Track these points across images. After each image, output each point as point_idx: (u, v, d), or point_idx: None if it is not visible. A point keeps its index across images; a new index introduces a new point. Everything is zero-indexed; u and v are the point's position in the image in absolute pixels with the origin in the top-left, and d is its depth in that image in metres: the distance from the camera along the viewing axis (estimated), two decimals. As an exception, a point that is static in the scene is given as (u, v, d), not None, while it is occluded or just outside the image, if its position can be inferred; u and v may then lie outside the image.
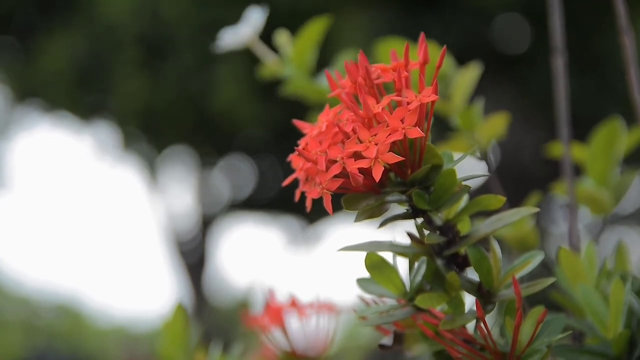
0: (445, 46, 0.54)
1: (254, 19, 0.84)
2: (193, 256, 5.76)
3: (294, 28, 0.87)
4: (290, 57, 0.85)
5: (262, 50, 0.85)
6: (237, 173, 5.38)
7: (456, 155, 0.54)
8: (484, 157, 0.80)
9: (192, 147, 4.95)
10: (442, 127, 0.85)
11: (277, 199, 5.07)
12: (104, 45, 4.09)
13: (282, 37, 0.86)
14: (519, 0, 3.60)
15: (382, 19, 3.55)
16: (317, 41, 0.85)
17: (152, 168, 5.43)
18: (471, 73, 0.82)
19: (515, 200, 0.82)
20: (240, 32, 0.84)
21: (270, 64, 0.86)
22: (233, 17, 0.87)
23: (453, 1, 3.69)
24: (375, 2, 3.67)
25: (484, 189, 0.83)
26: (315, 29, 0.84)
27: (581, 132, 0.87)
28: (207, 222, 5.73)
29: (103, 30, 4.06)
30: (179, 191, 5.79)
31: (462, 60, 0.84)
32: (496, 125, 0.82)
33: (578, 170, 0.84)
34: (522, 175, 4.09)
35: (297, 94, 0.86)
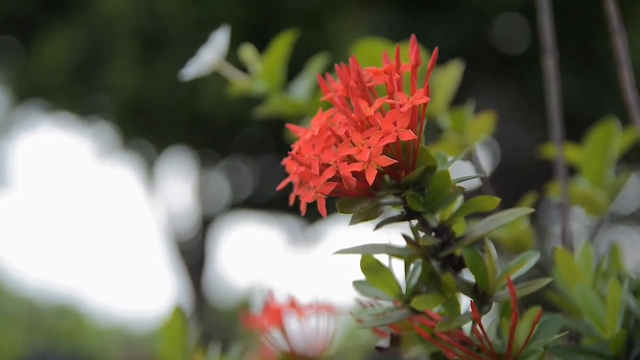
0: (437, 48, 0.54)
1: (218, 42, 0.84)
2: (193, 256, 5.76)
3: (294, 27, 0.86)
4: (259, 75, 0.84)
5: (230, 71, 0.85)
6: (237, 173, 5.39)
7: (450, 157, 0.54)
8: (471, 158, 0.80)
9: (192, 147, 4.95)
10: (427, 127, 0.84)
11: (277, 198, 5.07)
12: (102, 40, 4.10)
13: (247, 53, 0.85)
14: (519, 0, 3.60)
15: (382, 19, 3.55)
16: (286, 56, 0.85)
17: (152, 168, 5.43)
18: (452, 72, 0.81)
19: (514, 200, 0.82)
20: (205, 58, 0.84)
21: (239, 83, 0.85)
22: (227, 13, 0.87)
23: (453, 1, 3.69)
24: (376, 2, 3.67)
25: (478, 190, 0.83)
26: (282, 45, 0.84)
27: (582, 132, 0.87)
28: (207, 222, 5.73)
29: (101, 26, 4.06)
30: (179, 191, 5.79)
31: (462, 59, 0.84)
32: (484, 124, 0.81)
33: (573, 171, 0.84)
34: (522, 174, 4.09)
35: (272, 111, 0.85)
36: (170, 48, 3.90)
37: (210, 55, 0.83)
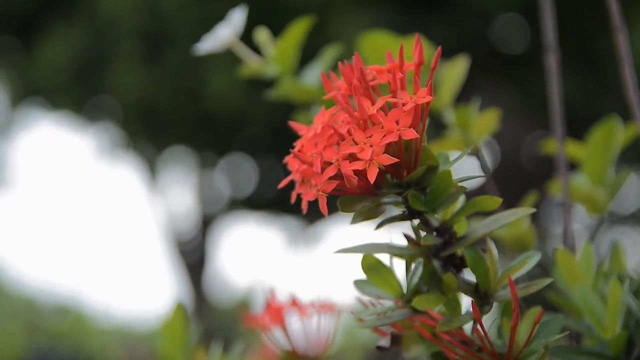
0: (440, 47, 0.54)
1: (235, 20, 0.83)
2: (193, 256, 5.77)
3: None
4: (273, 58, 0.84)
5: (243, 51, 0.85)
6: (237, 173, 5.39)
7: (452, 156, 0.54)
8: (476, 154, 0.80)
9: (192, 146, 4.95)
10: (432, 123, 0.84)
11: (277, 198, 5.07)
12: (104, 40, 4.10)
13: (262, 35, 0.85)
14: (518, 0, 3.60)
15: (382, 19, 3.55)
16: (301, 42, 0.85)
17: (152, 168, 5.43)
18: (459, 66, 0.80)
19: (514, 200, 0.82)
20: (220, 35, 0.83)
21: (252, 64, 0.85)
22: (229, 13, 0.87)
23: (454, 1, 3.69)
24: (376, 2, 3.67)
25: (480, 188, 0.83)
26: (298, 30, 0.84)
27: (583, 131, 0.87)
28: (207, 222, 5.73)
29: (103, 25, 4.06)
30: (180, 191, 5.80)
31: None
32: (488, 121, 0.81)
33: (572, 167, 0.84)
34: (522, 174, 4.09)
35: (283, 95, 0.86)
36: (174, 47, 3.90)
37: (226, 32, 0.83)
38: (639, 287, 0.62)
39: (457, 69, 0.80)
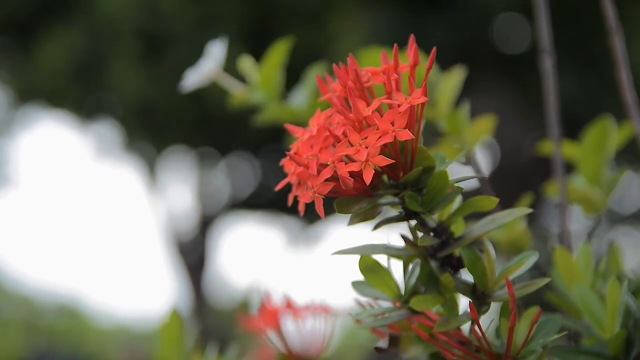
0: (435, 48, 0.54)
1: (216, 53, 0.84)
2: (193, 256, 5.76)
3: (294, 28, 0.86)
4: (257, 84, 0.85)
5: (228, 81, 0.86)
6: (237, 173, 5.39)
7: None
8: (469, 161, 0.80)
9: (192, 146, 4.95)
10: (429, 132, 0.85)
11: (277, 199, 5.07)
12: (103, 40, 4.10)
13: (246, 63, 0.86)
14: (519, 0, 3.60)
15: (382, 19, 3.55)
16: (283, 63, 0.85)
17: (152, 168, 5.43)
18: (455, 77, 0.81)
19: (514, 200, 0.82)
20: (203, 69, 0.84)
21: (238, 94, 0.86)
22: (229, 12, 0.87)
23: (454, 1, 3.69)
24: (376, 2, 3.67)
25: (477, 190, 0.83)
26: (279, 52, 0.84)
27: (584, 131, 0.87)
28: (207, 222, 5.73)
29: (102, 25, 4.06)
30: (179, 191, 5.79)
31: (462, 59, 0.84)
32: (483, 127, 0.82)
33: (570, 168, 0.84)
34: (522, 174, 4.09)
35: (270, 119, 0.86)
36: (173, 47, 3.90)
37: (209, 65, 0.84)
38: (638, 287, 0.62)
39: (454, 80, 0.81)
